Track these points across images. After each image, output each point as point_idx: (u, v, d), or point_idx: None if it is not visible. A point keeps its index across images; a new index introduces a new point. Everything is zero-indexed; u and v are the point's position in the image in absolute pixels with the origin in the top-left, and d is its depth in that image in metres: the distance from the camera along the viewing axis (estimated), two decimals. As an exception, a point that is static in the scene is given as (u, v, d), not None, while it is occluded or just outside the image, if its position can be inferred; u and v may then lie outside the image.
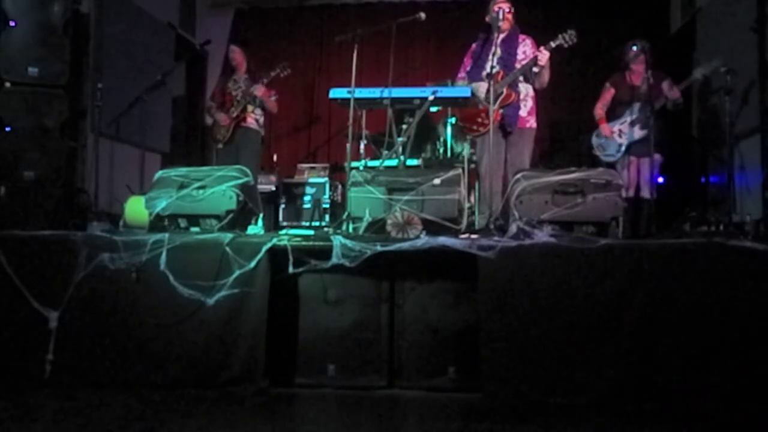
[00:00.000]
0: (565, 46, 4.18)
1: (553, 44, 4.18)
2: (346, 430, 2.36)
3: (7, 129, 4.37)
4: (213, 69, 6.93)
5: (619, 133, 4.82)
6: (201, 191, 3.20)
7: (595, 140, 4.98)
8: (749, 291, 2.51)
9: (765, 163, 4.38)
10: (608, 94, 4.99)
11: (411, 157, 4.83)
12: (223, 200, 3.19)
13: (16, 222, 4.04)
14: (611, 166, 4.73)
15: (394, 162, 4.25)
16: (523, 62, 4.26)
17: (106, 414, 2.43)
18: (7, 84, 4.38)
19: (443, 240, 2.75)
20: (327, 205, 5.79)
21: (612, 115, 4.94)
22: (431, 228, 3.08)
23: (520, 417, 2.43)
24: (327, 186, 5.87)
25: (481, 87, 4.25)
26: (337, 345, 2.85)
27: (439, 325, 2.82)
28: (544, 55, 4.16)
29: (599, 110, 5.00)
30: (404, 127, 4.25)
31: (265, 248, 2.77)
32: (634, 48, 4.78)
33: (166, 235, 2.89)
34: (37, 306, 2.83)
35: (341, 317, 2.87)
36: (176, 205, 3.20)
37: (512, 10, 4.34)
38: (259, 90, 5.06)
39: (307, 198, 5.90)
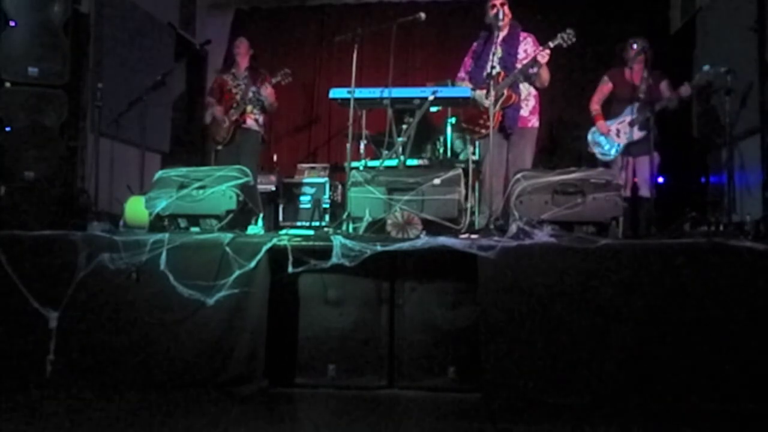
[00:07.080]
0: (564, 45, 4.18)
1: (551, 44, 4.18)
2: (346, 430, 2.36)
3: (7, 129, 4.37)
4: (213, 69, 6.92)
5: (617, 133, 4.79)
6: (201, 191, 3.20)
7: (591, 137, 4.95)
8: (749, 291, 2.51)
9: (765, 163, 4.38)
10: (606, 88, 4.96)
11: (411, 157, 4.83)
12: (223, 200, 3.19)
13: (16, 222, 4.04)
14: (607, 164, 4.73)
15: (394, 162, 4.24)
16: (524, 62, 4.26)
17: (106, 414, 2.43)
18: (7, 84, 4.37)
19: (443, 240, 2.75)
20: (327, 205, 5.79)
21: (608, 112, 4.90)
22: (431, 228, 3.08)
23: (520, 417, 2.43)
24: (327, 186, 5.87)
25: (483, 96, 4.23)
26: (337, 345, 2.85)
27: (439, 325, 2.82)
28: (544, 54, 4.15)
29: (595, 105, 4.95)
30: (404, 127, 4.24)
31: (265, 248, 2.77)
32: (635, 46, 4.77)
33: (166, 235, 2.88)
34: (37, 306, 2.82)
35: (341, 317, 2.87)
36: (176, 205, 3.21)
37: (507, 5, 4.33)
38: (267, 92, 5.12)
39: (307, 198, 5.90)
